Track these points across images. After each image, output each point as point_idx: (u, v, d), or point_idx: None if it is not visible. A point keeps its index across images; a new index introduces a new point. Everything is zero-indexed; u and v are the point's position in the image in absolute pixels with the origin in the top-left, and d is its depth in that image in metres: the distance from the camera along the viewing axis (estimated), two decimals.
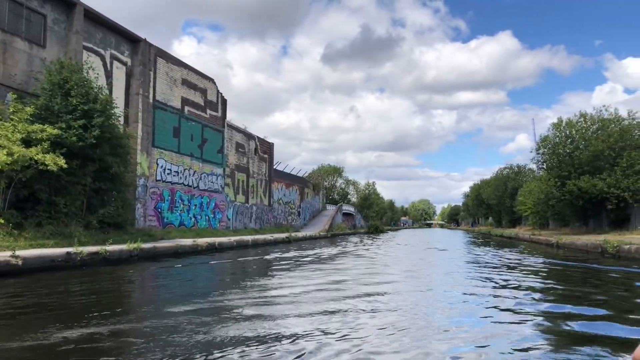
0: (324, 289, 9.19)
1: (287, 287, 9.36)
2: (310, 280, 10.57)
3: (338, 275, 11.68)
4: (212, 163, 28.54)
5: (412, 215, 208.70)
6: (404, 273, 12.35)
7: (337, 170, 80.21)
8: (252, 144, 34.94)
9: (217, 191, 29.11)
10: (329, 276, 11.47)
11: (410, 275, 11.95)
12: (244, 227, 32.71)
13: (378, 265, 14.77)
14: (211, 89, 28.63)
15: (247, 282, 10.52)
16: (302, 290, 8.96)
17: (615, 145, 28.81)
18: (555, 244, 25.96)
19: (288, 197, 43.22)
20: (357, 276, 11.47)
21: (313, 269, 13.30)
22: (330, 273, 12.18)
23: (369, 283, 10.07)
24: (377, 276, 11.67)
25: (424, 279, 11.35)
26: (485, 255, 18.45)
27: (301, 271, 12.86)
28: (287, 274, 12.23)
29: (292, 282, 10.27)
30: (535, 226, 50.68)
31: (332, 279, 10.85)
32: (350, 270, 12.91)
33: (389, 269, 13.49)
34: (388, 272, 12.61)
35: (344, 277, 11.20)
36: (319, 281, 10.41)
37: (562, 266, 14.74)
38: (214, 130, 28.92)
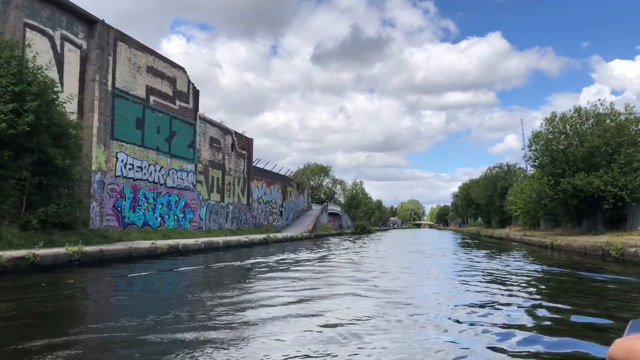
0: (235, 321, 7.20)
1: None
2: (231, 298, 8.58)
3: (274, 292, 9.22)
4: (181, 158, 26.42)
5: (401, 215, 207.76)
6: (373, 305, 7.43)
7: (323, 169, 78.28)
8: (229, 139, 32.85)
9: (187, 189, 26.99)
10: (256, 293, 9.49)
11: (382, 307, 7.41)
12: (218, 227, 30.61)
13: (338, 280, 10.55)
14: (181, 79, 26.52)
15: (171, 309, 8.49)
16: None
17: (612, 141, 27.18)
18: (549, 246, 24.24)
19: (269, 196, 41.16)
20: (300, 296, 8.33)
21: (250, 285, 11.32)
22: (271, 290, 9.35)
23: (309, 313, 6.75)
24: (332, 302, 7.67)
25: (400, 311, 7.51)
26: (477, 264, 16.46)
27: (247, 284, 10.88)
28: (240, 285, 10.24)
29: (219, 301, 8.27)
30: (526, 226, 49.20)
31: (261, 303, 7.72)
32: (301, 283, 10.60)
33: (356, 285, 9.58)
34: (352, 293, 8.66)
35: (281, 299, 8.13)
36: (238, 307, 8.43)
37: (569, 276, 12.89)
38: (184, 123, 26.80)
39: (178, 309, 6.98)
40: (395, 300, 7.47)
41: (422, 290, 8.95)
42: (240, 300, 7.69)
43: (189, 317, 6.43)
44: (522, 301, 7.73)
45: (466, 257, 17.09)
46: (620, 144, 27.56)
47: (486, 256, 17.78)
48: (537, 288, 9.86)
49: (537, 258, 18.78)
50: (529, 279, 11.31)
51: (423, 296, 8.00)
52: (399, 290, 8.75)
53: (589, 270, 13.44)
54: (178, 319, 6.28)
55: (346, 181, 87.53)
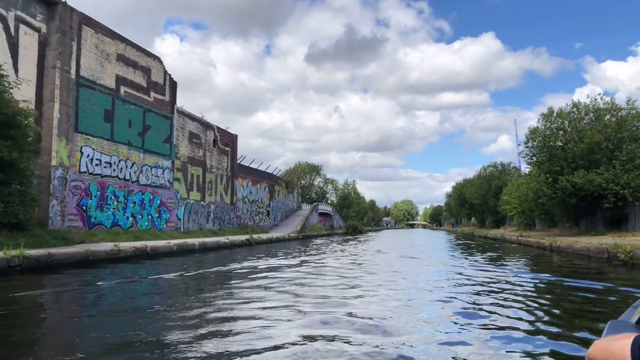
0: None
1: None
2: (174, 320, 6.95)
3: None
4: (156, 154, 24.69)
5: (395, 215, 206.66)
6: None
7: (315, 168, 76.65)
8: (210, 134, 31.14)
9: (163, 186, 25.28)
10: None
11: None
12: (199, 228, 28.91)
13: (303, 306, 7.29)
14: (156, 69, 24.80)
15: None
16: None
17: (613, 137, 25.76)
18: (548, 247, 22.76)
19: (255, 195, 39.45)
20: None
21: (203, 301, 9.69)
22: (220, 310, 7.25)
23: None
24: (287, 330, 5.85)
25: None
26: (478, 274, 14.64)
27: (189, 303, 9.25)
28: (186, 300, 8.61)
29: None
30: (521, 227, 47.85)
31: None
32: (249, 310, 7.29)
33: (324, 314, 6.83)
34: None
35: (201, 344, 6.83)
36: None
37: (583, 291, 11.30)
38: (160, 117, 25.08)
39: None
40: (376, 350, 4.99)
41: (414, 326, 6.13)
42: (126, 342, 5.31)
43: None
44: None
45: (463, 265, 15.48)
46: (621, 140, 26.17)
47: (486, 263, 16.07)
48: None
49: (540, 264, 17.34)
50: (553, 298, 9.70)
51: (417, 341, 5.35)
52: (383, 327, 6.03)
53: (601, 279, 11.92)
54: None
55: (338, 181, 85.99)
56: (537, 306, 7.53)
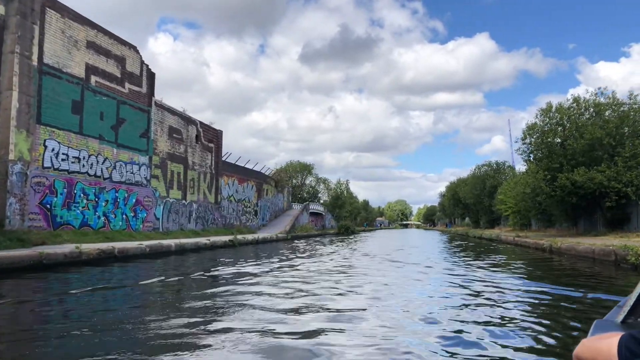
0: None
1: None
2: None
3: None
4: (132, 149, 23.15)
5: (389, 215, 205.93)
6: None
7: (306, 167, 75.23)
8: (193, 130, 29.61)
9: (139, 184, 23.73)
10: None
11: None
12: (179, 228, 27.37)
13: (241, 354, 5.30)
14: (132, 59, 23.25)
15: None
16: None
17: (615, 132, 24.50)
18: (548, 249, 21.43)
19: (241, 194, 37.91)
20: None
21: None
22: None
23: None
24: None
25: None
26: (470, 281, 12.78)
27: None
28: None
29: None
30: (516, 227, 46.68)
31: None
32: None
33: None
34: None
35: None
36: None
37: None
38: (136, 110, 23.53)
39: None
40: None
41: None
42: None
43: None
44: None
45: (459, 273, 13.99)
46: (623, 136, 24.94)
47: (486, 269, 14.42)
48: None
49: (544, 269, 15.99)
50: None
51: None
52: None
53: (613, 289, 10.55)
54: None
55: (330, 180, 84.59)
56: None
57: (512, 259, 18.58)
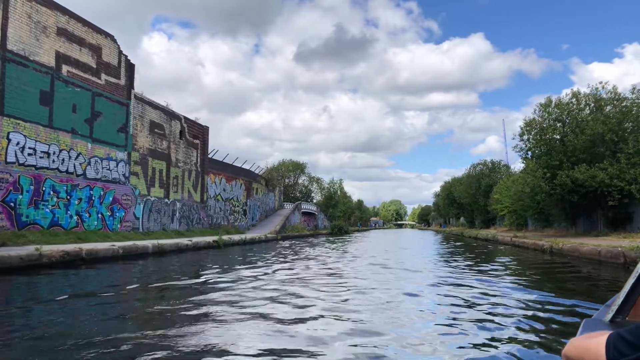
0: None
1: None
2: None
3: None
4: (109, 144, 21.80)
5: (383, 215, 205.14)
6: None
7: (299, 166, 73.93)
8: (176, 125, 28.26)
9: (117, 181, 22.38)
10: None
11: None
12: (161, 228, 26.03)
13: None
14: (109, 49, 21.90)
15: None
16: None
17: (618, 128, 23.42)
18: (548, 250, 20.31)
19: (229, 193, 36.58)
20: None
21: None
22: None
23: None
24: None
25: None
26: (480, 300, 10.54)
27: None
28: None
29: None
30: (512, 227, 45.66)
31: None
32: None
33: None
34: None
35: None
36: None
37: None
38: (114, 102, 22.18)
39: None
40: None
41: None
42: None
43: None
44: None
45: (456, 283, 12.61)
46: (626, 131, 23.86)
47: (487, 277, 12.80)
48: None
49: (551, 275, 14.83)
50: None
51: None
52: None
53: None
54: None
55: (323, 179, 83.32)
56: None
57: (513, 263, 17.43)
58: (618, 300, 1.78)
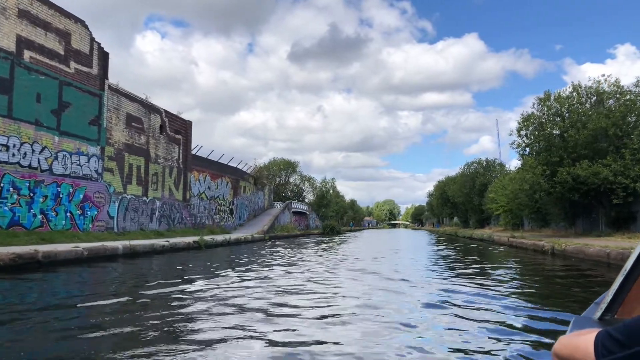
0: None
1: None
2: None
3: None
4: (79, 138, 20.23)
5: (377, 215, 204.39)
6: None
7: (290, 164, 72.44)
8: (156, 119, 26.71)
9: (88, 178, 20.83)
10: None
11: None
12: (139, 228, 24.49)
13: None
14: (79, 34, 20.34)
15: None
16: None
17: (622, 122, 22.18)
18: (550, 251, 19.02)
19: (215, 192, 35.04)
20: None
21: None
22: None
23: None
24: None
25: None
26: (471, 312, 8.91)
27: None
28: None
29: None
30: (508, 226, 44.50)
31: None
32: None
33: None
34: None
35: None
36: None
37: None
38: (85, 93, 20.62)
39: None
40: None
41: None
42: None
43: None
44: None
45: (460, 303, 11.20)
46: (629, 126, 22.62)
47: (497, 293, 10.95)
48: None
49: (568, 285, 13.50)
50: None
51: None
52: None
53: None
54: None
55: (315, 178, 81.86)
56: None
57: (514, 268, 16.09)
58: (607, 298, 1.75)
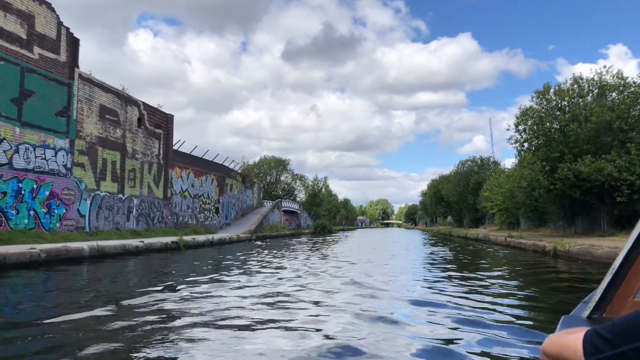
0: None
1: None
2: None
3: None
4: (44, 130, 18.67)
5: (370, 214, 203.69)
6: None
7: (281, 162, 70.97)
8: (134, 111, 25.16)
9: (56, 173, 19.28)
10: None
11: None
12: (114, 227, 22.96)
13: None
14: (44, 18, 18.78)
15: None
16: None
17: (627, 115, 20.93)
18: (552, 252, 17.70)
19: (199, 189, 33.50)
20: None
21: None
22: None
23: None
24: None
25: None
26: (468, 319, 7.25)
27: None
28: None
29: None
30: (503, 226, 43.32)
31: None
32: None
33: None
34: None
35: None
36: None
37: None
38: (51, 81, 19.06)
39: None
40: None
41: None
42: None
43: None
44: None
45: (470, 330, 9.69)
46: (634, 118, 21.39)
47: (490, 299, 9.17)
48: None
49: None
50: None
51: None
52: None
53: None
54: None
55: (307, 177, 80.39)
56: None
57: (517, 274, 14.73)
58: (595, 297, 1.76)
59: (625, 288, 1.69)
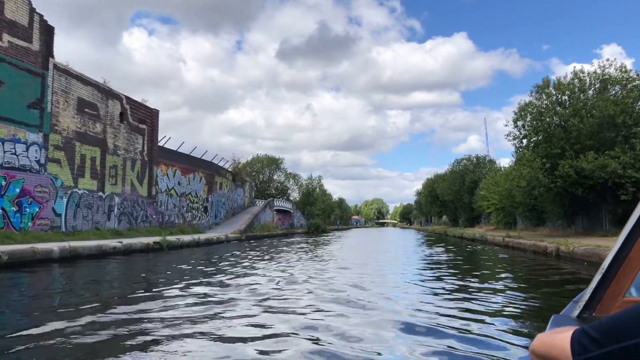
0: None
1: None
2: None
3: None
4: (14, 123, 17.48)
5: (365, 214, 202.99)
6: None
7: (274, 161, 69.86)
8: (115, 105, 23.98)
9: (27, 169, 18.09)
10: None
11: None
12: (93, 227, 21.78)
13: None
14: (15, 3, 17.58)
15: None
16: None
17: (631, 109, 20.00)
18: (554, 253, 16.74)
19: (186, 187, 32.33)
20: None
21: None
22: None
23: None
24: None
25: None
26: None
27: None
28: None
29: None
30: (500, 225, 42.46)
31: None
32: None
33: None
34: None
35: None
36: None
37: None
38: (22, 71, 17.87)
39: None
40: None
41: None
42: None
43: None
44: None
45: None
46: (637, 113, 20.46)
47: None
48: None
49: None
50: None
51: None
52: None
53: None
54: None
55: (301, 176, 79.28)
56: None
57: (522, 280, 13.74)
58: (585, 296, 1.75)
59: (615, 287, 1.69)
